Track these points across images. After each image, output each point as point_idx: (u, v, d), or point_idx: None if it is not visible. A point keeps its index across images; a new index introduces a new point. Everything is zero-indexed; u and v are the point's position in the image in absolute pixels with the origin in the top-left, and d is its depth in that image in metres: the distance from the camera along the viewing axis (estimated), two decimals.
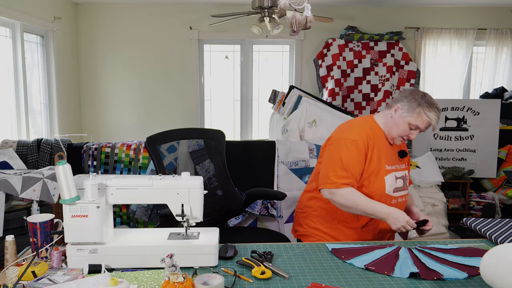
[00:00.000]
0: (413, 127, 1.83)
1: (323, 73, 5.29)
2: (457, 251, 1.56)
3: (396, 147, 1.97)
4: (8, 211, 2.72)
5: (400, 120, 1.85)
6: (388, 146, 1.93)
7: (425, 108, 1.79)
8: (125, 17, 5.28)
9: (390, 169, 1.88)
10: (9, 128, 3.97)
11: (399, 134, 1.86)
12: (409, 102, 1.83)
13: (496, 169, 4.49)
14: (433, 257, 1.50)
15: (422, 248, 1.59)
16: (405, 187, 1.96)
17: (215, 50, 5.56)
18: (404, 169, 1.97)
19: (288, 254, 1.56)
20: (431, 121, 1.80)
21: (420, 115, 1.80)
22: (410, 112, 1.81)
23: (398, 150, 1.97)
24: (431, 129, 1.88)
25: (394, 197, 1.89)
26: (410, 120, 1.82)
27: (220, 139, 2.42)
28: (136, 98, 5.45)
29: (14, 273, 1.34)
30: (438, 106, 1.83)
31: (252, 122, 5.70)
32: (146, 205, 3.28)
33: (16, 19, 3.86)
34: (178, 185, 1.47)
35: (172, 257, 1.21)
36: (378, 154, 1.87)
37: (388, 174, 1.87)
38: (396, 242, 1.69)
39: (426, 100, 1.81)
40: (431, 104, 1.80)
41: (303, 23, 2.71)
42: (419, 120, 1.80)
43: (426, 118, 1.80)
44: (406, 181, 1.97)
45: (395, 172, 1.90)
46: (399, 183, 1.92)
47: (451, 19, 5.37)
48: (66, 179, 1.35)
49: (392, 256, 1.51)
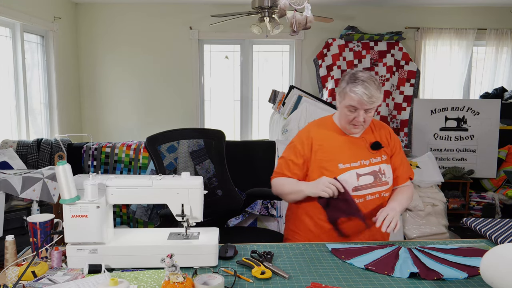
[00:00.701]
0: (350, 109, 1.73)
1: (323, 73, 5.29)
2: (457, 251, 1.55)
3: (364, 140, 1.84)
4: (8, 211, 2.72)
5: (340, 107, 1.79)
6: (348, 142, 1.82)
7: (350, 85, 1.71)
8: (125, 17, 5.28)
9: (345, 167, 1.76)
10: (9, 128, 3.97)
11: (346, 121, 1.78)
12: (339, 87, 1.77)
13: (496, 169, 4.49)
14: (433, 257, 1.50)
15: (422, 248, 1.58)
16: (379, 183, 1.79)
17: (215, 50, 5.56)
18: (378, 162, 1.81)
19: (288, 254, 1.56)
20: (359, 96, 1.68)
21: (348, 94, 1.71)
22: (342, 95, 1.75)
23: (370, 142, 1.84)
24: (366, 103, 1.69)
25: (356, 196, 1.75)
26: (344, 103, 1.74)
27: (220, 139, 2.42)
28: (136, 98, 5.45)
29: (14, 273, 1.34)
30: (365, 77, 1.70)
31: (252, 122, 5.70)
32: (146, 205, 3.28)
33: (16, 19, 3.86)
34: (178, 185, 1.48)
35: (172, 257, 1.21)
36: (329, 153, 1.79)
37: (343, 173, 1.75)
38: (396, 242, 1.68)
39: (350, 76, 1.73)
40: (355, 78, 1.71)
41: (303, 23, 2.71)
42: (349, 99, 1.71)
43: (353, 95, 1.69)
44: (381, 176, 1.80)
45: (358, 169, 1.77)
46: (365, 180, 1.77)
47: (451, 19, 5.37)
48: (66, 179, 1.35)
49: (392, 256, 1.50)
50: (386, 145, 1.87)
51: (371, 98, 1.68)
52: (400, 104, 5.30)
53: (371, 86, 1.68)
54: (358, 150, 1.81)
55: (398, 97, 5.31)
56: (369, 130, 1.88)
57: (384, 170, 1.81)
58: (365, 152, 1.81)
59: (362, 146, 1.83)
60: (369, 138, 1.85)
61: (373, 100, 1.69)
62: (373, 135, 1.87)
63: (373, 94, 1.68)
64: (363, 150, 1.82)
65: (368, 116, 1.74)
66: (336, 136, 1.83)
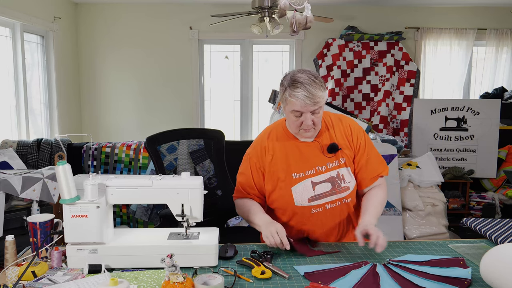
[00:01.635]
0: (296, 114, 1.60)
1: (323, 73, 5.29)
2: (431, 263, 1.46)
3: (318, 143, 1.69)
4: (8, 211, 2.72)
5: (286, 113, 1.66)
6: (300, 148, 1.69)
7: (289, 89, 1.58)
8: (125, 17, 5.28)
9: (300, 176, 1.66)
10: (9, 128, 3.97)
11: (294, 126, 1.64)
12: (280, 92, 1.64)
13: (496, 169, 4.49)
14: (413, 272, 1.38)
15: (396, 263, 1.45)
16: (338, 190, 1.67)
17: (215, 50, 5.56)
18: (335, 167, 1.67)
19: (288, 254, 1.56)
20: (299, 100, 1.54)
21: (289, 100, 1.58)
22: (283, 100, 1.62)
23: (326, 145, 1.69)
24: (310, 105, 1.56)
25: (313, 206, 1.65)
26: (288, 109, 1.61)
27: (220, 139, 2.43)
28: (136, 98, 5.45)
29: (14, 273, 1.34)
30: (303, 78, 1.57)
31: (252, 122, 5.70)
32: (146, 205, 3.28)
33: (16, 19, 3.86)
34: (178, 185, 1.47)
35: (172, 257, 1.21)
36: (282, 163, 1.68)
37: (297, 184, 1.65)
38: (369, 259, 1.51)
39: (289, 80, 1.59)
40: (293, 81, 1.57)
41: (303, 23, 2.71)
42: (292, 104, 1.58)
43: (294, 100, 1.56)
44: (340, 182, 1.67)
45: (313, 177, 1.66)
46: (322, 188, 1.66)
47: (451, 19, 5.37)
48: (66, 179, 1.35)
49: (371, 276, 1.36)
50: (345, 146, 1.70)
51: (313, 99, 1.55)
52: (400, 104, 5.31)
53: (311, 87, 1.55)
54: (312, 156, 1.68)
55: (398, 97, 5.31)
56: (324, 130, 1.71)
57: (343, 175, 1.68)
58: (320, 158, 1.68)
59: (317, 150, 1.68)
60: (324, 140, 1.70)
61: (317, 101, 1.56)
62: (328, 136, 1.71)
63: (315, 94, 1.55)
64: (318, 155, 1.68)
65: (316, 118, 1.60)
66: (288, 144, 1.70)
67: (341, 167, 1.68)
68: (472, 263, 1.49)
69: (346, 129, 1.73)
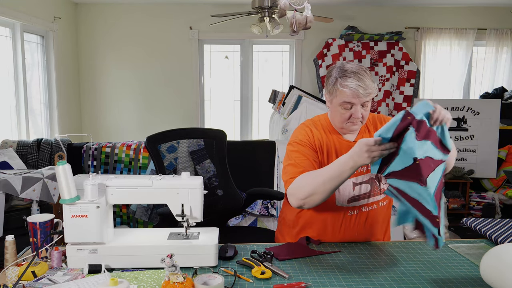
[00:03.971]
0: (345, 106, 1.55)
1: (323, 73, 5.29)
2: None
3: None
4: (8, 211, 2.72)
5: (332, 106, 1.60)
6: (344, 146, 1.63)
7: (340, 80, 1.53)
8: (125, 17, 5.28)
9: None
10: (9, 128, 3.97)
11: (341, 120, 1.59)
12: (327, 84, 1.59)
13: (496, 169, 4.49)
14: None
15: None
16: (376, 192, 1.64)
17: (215, 50, 5.56)
18: None
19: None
20: (353, 90, 1.50)
21: (339, 90, 1.53)
22: (333, 92, 1.56)
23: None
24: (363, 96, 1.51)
25: (351, 207, 1.62)
26: (337, 101, 1.56)
27: (222, 139, 2.43)
28: (136, 98, 5.45)
29: (14, 273, 1.34)
30: (355, 68, 1.53)
31: (252, 122, 5.70)
32: (146, 205, 3.28)
33: (16, 19, 3.86)
34: (178, 185, 1.47)
35: (172, 257, 1.21)
36: (325, 158, 1.62)
37: None
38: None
39: (338, 70, 1.55)
40: (344, 71, 1.53)
41: (303, 23, 2.71)
42: (343, 95, 1.53)
43: (346, 90, 1.51)
44: (379, 183, 1.65)
45: (354, 178, 1.61)
46: (362, 189, 1.62)
47: (451, 19, 5.37)
48: (66, 179, 1.35)
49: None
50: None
51: (366, 89, 1.51)
52: (400, 104, 5.30)
53: (364, 77, 1.52)
54: None
55: (398, 97, 5.31)
56: (364, 130, 1.69)
57: (382, 177, 1.64)
58: None
59: None
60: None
61: (369, 92, 1.52)
62: (368, 136, 1.66)
63: (368, 84, 1.51)
64: None
65: (365, 111, 1.57)
66: (333, 139, 1.65)
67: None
68: (472, 263, 1.49)
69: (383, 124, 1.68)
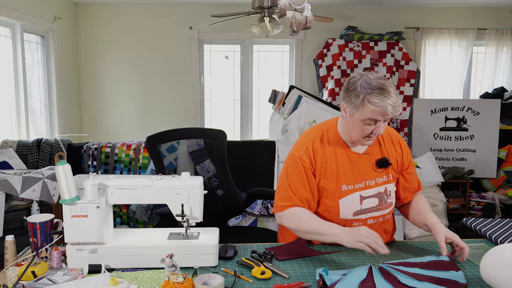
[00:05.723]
0: (369, 122, 1.46)
1: (323, 73, 5.29)
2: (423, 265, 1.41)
3: (369, 156, 1.60)
4: (8, 211, 2.72)
5: (351, 120, 1.50)
6: (352, 159, 1.59)
7: (368, 96, 1.42)
8: (125, 17, 5.28)
9: (349, 189, 1.57)
10: (9, 128, 3.97)
11: (360, 135, 1.51)
12: (349, 97, 1.47)
13: (496, 169, 4.49)
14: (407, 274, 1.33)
15: (390, 265, 1.39)
16: (384, 206, 1.61)
17: (215, 50, 5.56)
18: (384, 182, 1.61)
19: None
20: (383, 108, 1.41)
21: (366, 107, 1.43)
22: (355, 107, 1.46)
23: (376, 159, 1.60)
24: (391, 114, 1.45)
25: (356, 220, 1.58)
26: (361, 116, 1.46)
27: (222, 139, 2.43)
28: (136, 98, 5.45)
29: (14, 273, 1.34)
30: (382, 83, 1.43)
31: (252, 122, 5.70)
32: (146, 205, 3.28)
33: (16, 19, 3.86)
34: (178, 185, 1.48)
35: (172, 257, 1.21)
36: (332, 172, 1.57)
37: (346, 196, 1.56)
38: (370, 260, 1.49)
39: (365, 85, 1.44)
40: (373, 87, 1.42)
41: (303, 23, 2.70)
42: (370, 112, 1.43)
43: (375, 108, 1.42)
44: (386, 198, 1.61)
45: (362, 191, 1.57)
46: (369, 203, 1.59)
47: (451, 19, 5.37)
48: (66, 179, 1.35)
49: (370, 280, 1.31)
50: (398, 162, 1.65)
51: (395, 107, 1.43)
52: (400, 104, 5.30)
53: (392, 94, 1.43)
54: (362, 169, 1.59)
55: (398, 97, 5.31)
56: (375, 144, 1.63)
57: (390, 191, 1.62)
58: (370, 171, 1.59)
59: (367, 163, 1.60)
60: (374, 154, 1.62)
61: (398, 110, 1.45)
62: (379, 150, 1.63)
63: (395, 101, 1.44)
64: (368, 168, 1.60)
65: (385, 125, 1.51)
66: (339, 152, 1.59)
67: (390, 183, 1.63)
68: (472, 263, 1.49)
69: (396, 145, 1.67)
